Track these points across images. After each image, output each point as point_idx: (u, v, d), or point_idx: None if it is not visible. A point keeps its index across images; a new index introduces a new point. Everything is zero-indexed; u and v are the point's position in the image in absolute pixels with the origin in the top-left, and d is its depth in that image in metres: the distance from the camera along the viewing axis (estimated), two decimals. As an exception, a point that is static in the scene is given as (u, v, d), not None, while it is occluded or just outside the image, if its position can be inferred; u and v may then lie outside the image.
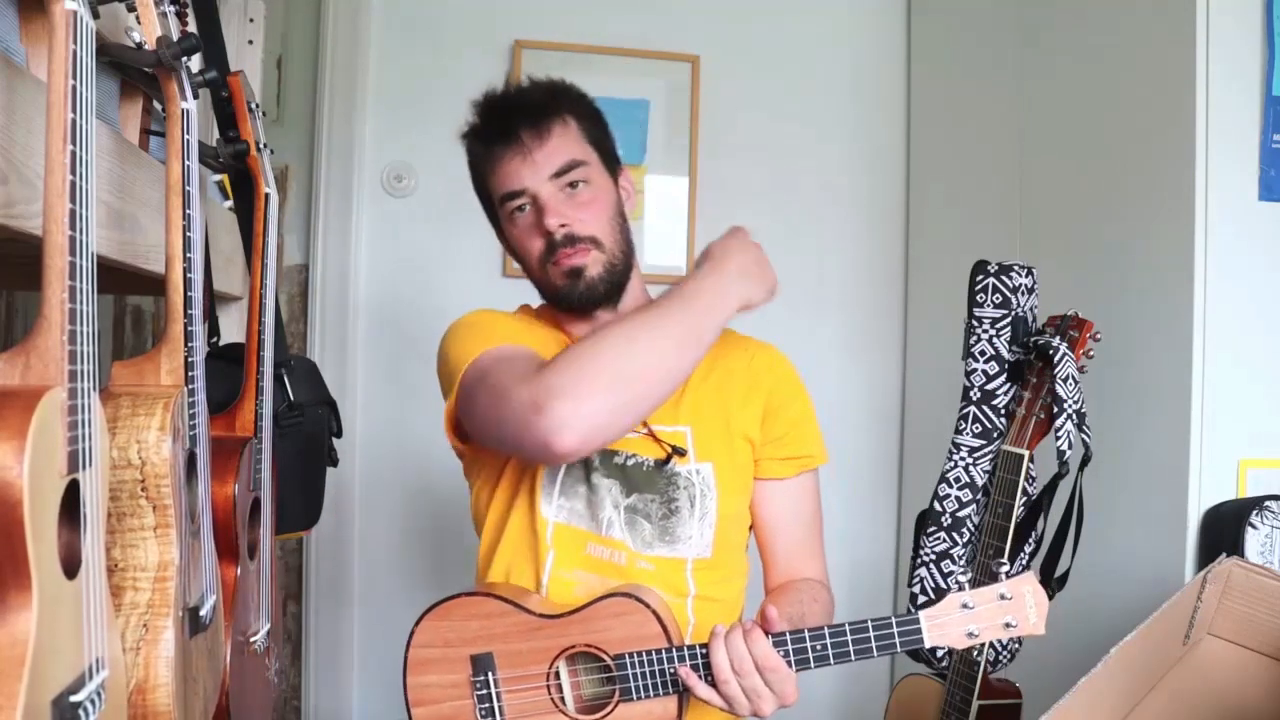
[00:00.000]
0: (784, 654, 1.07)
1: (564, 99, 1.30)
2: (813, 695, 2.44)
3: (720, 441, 1.29)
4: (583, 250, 1.25)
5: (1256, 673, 1.30)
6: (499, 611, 1.16)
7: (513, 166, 1.25)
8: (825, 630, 1.07)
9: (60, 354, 0.59)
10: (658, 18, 2.38)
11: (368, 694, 2.29)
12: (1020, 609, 1.07)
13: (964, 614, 1.07)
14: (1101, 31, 1.78)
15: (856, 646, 1.07)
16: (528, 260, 1.29)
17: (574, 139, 1.28)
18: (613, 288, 1.28)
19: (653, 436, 1.27)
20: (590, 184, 1.27)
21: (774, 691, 1.08)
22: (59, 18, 0.61)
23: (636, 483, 1.26)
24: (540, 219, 1.24)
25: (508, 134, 1.26)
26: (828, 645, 1.07)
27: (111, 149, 0.89)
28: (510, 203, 1.27)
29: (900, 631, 1.06)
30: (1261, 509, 1.44)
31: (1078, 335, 1.44)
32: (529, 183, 1.25)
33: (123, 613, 0.77)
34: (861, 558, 2.43)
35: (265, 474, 1.13)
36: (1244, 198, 1.51)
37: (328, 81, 2.26)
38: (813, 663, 1.07)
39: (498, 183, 1.28)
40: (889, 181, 2.49)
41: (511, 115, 1.27)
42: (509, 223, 1.29)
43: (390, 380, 2.27)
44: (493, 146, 1.28)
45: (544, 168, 1.24)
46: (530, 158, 1.24)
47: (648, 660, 1.11)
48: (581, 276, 1.25)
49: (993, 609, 1.07)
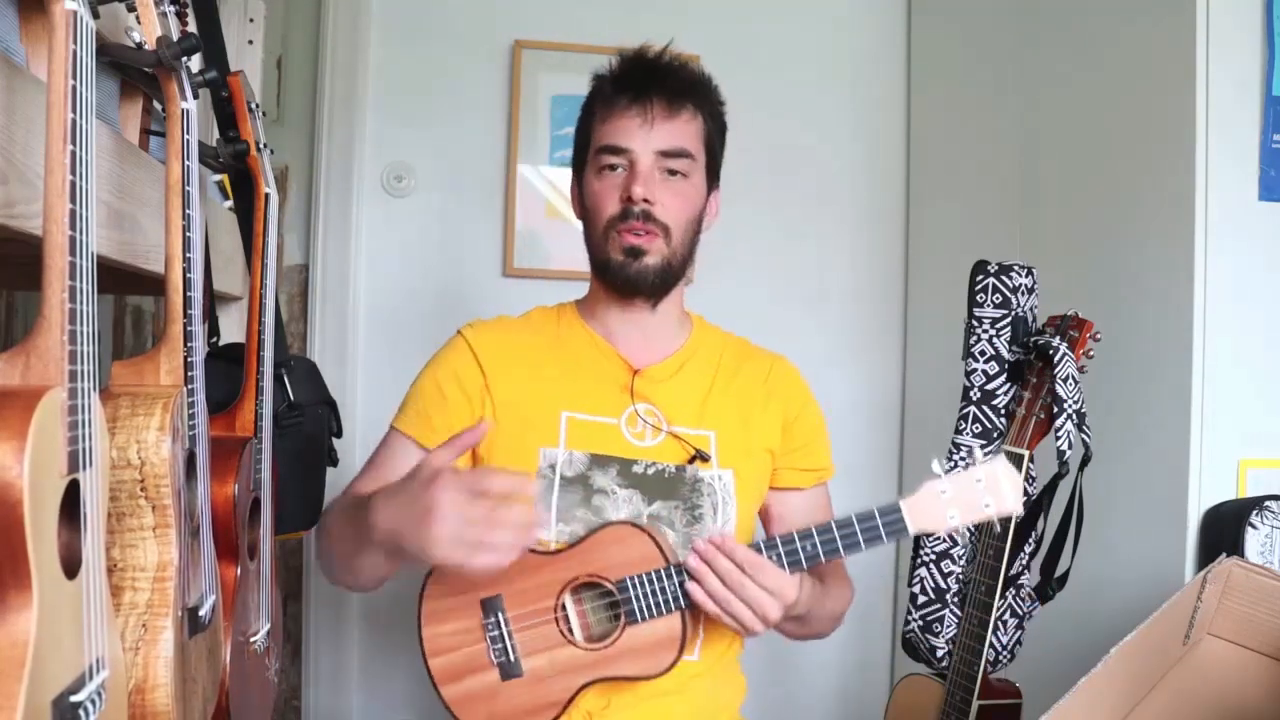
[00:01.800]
0: (775, 557, 1.11)
1: (706, 93, 1.30)
2: (813, 695, 2.44)
3: (741, 449, 1.29)
4: (651, 234, 1.24)
5: (1256, 673, 1.30)
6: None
7: (630, 124, 1.25)
8: (813, 529, 1.11)
9: (60, 354, 0.59)
10: (658, 18, 2.38)
11: (368, 694, 2.29)
12: (996, 490, 1.11)
13: (943, 499, 1.11)
14: (1102, 31, 1.78)
15: (844, 541, 1.11)
16: (596, 217, 1.27)
17: (695, 132, 1.28)
18: (662, 283, 1.27)
19: (676, 438, 1.27)
20: (688, 179, 1.27)
21: (768, 590, 1.09)
22: (59, 18, 0.60)
23: (659, 490, 1.25)
24: (629, 184, 1.23)
25: (641, 93, 1.25)
26: (816, 544, 1.11)
27: (111, 149, 0.89)
28: (607, 156, 1.26)
29: (884, 521, 1.11)
30: (1261, 509, 1.44)
31: (1078, 335, 1.44)
32: (637, 146, 1.24)
33: (122, 613, 0.77)
34: (861, 557, 2.42)
35: (265, 474, 1.12)
36: (1244, 198, 1.51)
37: (328, 81, 2.26)
38: (804, 561, 1.11)
39: (605, 131, 1.26)
40: (889, 181, 2.49)
41: (653, 78, 1.26)
42: (595, 174, 1.27)
43: (390, 380, 2.26)
44: (620, 95, 1.26)
45: (657, 140, 1.24)
46: (651, 124, 1.24)
47: (648, 580, 1.14)
48: (639, 258, 1.24)
49: (970, 493, 1.11)
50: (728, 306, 1.88)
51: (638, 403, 1.28)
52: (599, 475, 1.24)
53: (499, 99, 2.33)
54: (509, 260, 2.32)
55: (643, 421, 1.27)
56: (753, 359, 1.37)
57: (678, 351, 1.33)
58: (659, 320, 1.32)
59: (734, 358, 1.36)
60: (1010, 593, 1.49)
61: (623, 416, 1.27)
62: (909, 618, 1.56)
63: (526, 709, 1.17)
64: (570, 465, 1.24)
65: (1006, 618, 1.50)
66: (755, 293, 2.39)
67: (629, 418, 1.27)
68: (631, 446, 1.26)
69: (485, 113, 2.33)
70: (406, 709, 2.27)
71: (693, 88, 1.28)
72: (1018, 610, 1.51)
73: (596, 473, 1.24)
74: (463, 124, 2.32)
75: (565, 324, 1.35)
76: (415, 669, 2.21)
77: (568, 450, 1.24)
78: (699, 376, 1.32)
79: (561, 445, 1.25)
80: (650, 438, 1.27)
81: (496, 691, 1.18)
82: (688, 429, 1.27)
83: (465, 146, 2.32)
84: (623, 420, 1.27)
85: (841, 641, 2.42)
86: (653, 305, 1.30)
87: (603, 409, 1.27)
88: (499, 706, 1.17)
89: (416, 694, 2.25)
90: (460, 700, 1.18)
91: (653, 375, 1.30)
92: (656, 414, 1.28)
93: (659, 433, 1.26)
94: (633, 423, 1.27)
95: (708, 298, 2.31)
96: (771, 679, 2.34)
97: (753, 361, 1.36)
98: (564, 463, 1.24)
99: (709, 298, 2.30)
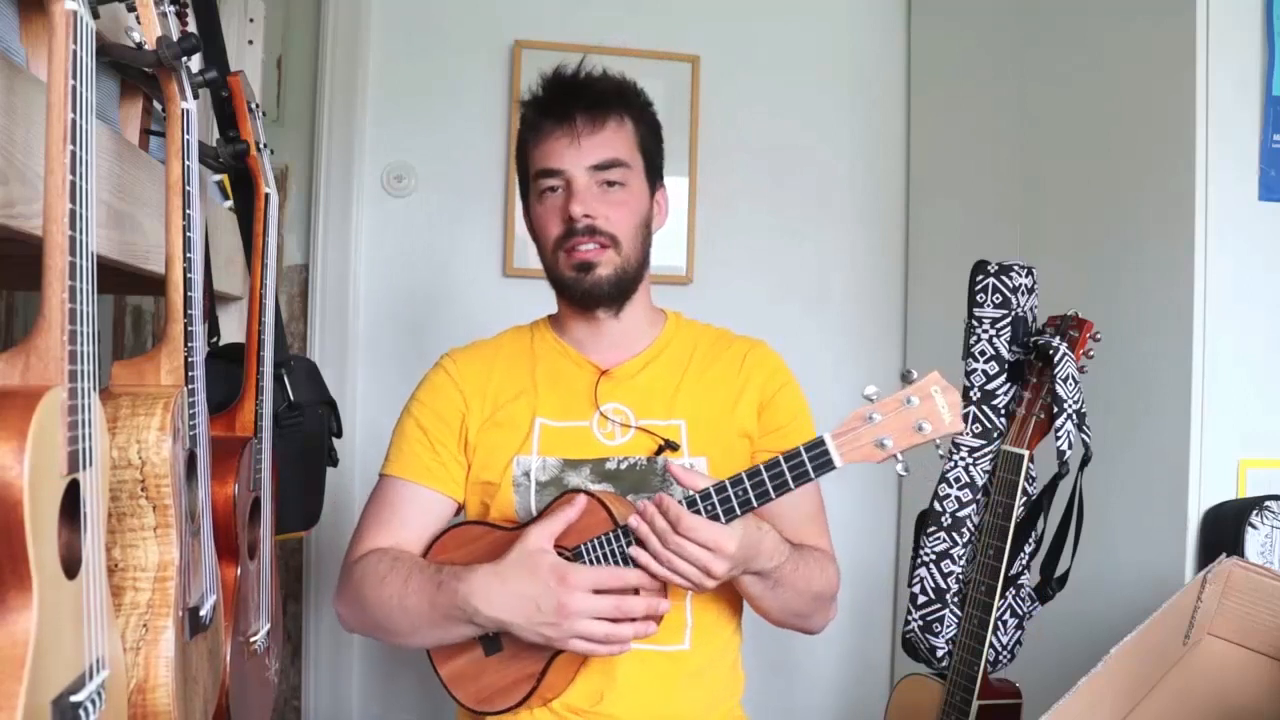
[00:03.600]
0: (710, 507, 1.09)
1: (628, 98, 1.31)
2: (813, 695, 2.44)
3: (716, 436, 1.30)
4: (601, 246, 1.26)
5: (1256, 673, 1.30)
6: (478, 534, 1.24)
7: (558, 145, 1.26)
8: (743, 474, 1.09)
9: (60, 354, 0.59)
10: (658, 18, 2.38)
11: (368, 694, 2.29)
12: (932, 411, 1.04)
13: (871, 426, 1.05)
14: (1102, 31, 1.78)
15: (773, 481, 1.08)
16: (543, 242, 1.30)
17: (625, 139, 1.29)
18: (619, 291, 1.29)
19: (645, 431, 1.28)
20: (626, 187, 1.28)
21: (703, 544, 1.08)
22: (59, 18, 0.60)
23: (632, 483, 1.27)
24: (567, 203, 1.25)
25: (563, 113, 1.26)
26: (747, 488, 1.09)
27: (111, 149, 0.89)
28: (545, 180, 1.28)
29: (810, 457, 1.07)
30: (1261, 509, 1.44)
31: (1078, 335, 1.44)
32: (569, 165, 1.26)
33: (123, 613, 0.77)
34: (861, 558, 2.43)
35: (265, 474, 1.12)
36: (1244, 198, 1.51)
37: (328, 81, 2.26)
38: (738, 509, 1.09)
39: (539, 156, 1.28)
40: (889, 181, 2.49)
41: (572, 96, 1.28)
42: (537, 200, 1.30)
43: (390, 380, 2.27)
44: (545, 120, 1.28)
45: (587, 156, 1.25)
46: (577, 142, 1.25)
47: (599, 545, 1.15)
48: (590, 272, 1.26)
49: (902, 415, 1.04)
50: (728, 306, 1.88)
51: (605, 403, 1.30)
52: (573, 476, 1.27)
53: (499, 99, 2.33)
54: (509, 260, 2.32)
55: (611, 421, 1.30)
56: (731, 347, 1.37)
57: (646, 349, 1.35)
58: (625, 325, 1.34)
59: (710, 347, 1.37)
60: (1010, 593, 1.49)
61: (593, 419, 1.30)
62: (909, 618, 1.56)
63: (506, 683, 1.21)
64: (544, 470, 1.28)
65: (1006, 618, 1.50)
66: (755, 293, 2.39)
67: (599, 419, 1.30)
68: (603, 446, 1.29)
69: (485, 113, 2.33)
70: (406, 709, 2.27)
71: (613, 96, 1.29)
72: (1018, 610, 1.51)
73: (570, 474, 1.27)
74: (463, 124, 2.32)
75: (538, 339, 1.38)
76: (415, 669, 2.21)
77: (540, 456, 1.28)
78: (668, 370, 1.34)
79: (534, 452, 1.28)
80: (620, 435, 1.29)
81: (483, 668, 1.21)
82: (657, 421, 1.29)
83: (465, 146, 2.32)
84: (594, 422, 1.30)
85: (841, 641, 2.42)
86: (615, 312, 1.32)
87: (574, 414, 1.31)
88: (484, 681, 1.22)
89: (416, 694, 2.25)
90: (453, 678, 1.23)
91: (619, 375, 1.33)
92: (624, 411, 1.30)
93: (628, 429, 1.29)
94: (603, 424, 1.30)
95: (708, 297, 2.33)
96: (772, 679, 2.34)
97: (731, 350, 1.37)
98: (537, 468, 1.28)
99: (709, 298, 2.32)
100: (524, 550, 1.12)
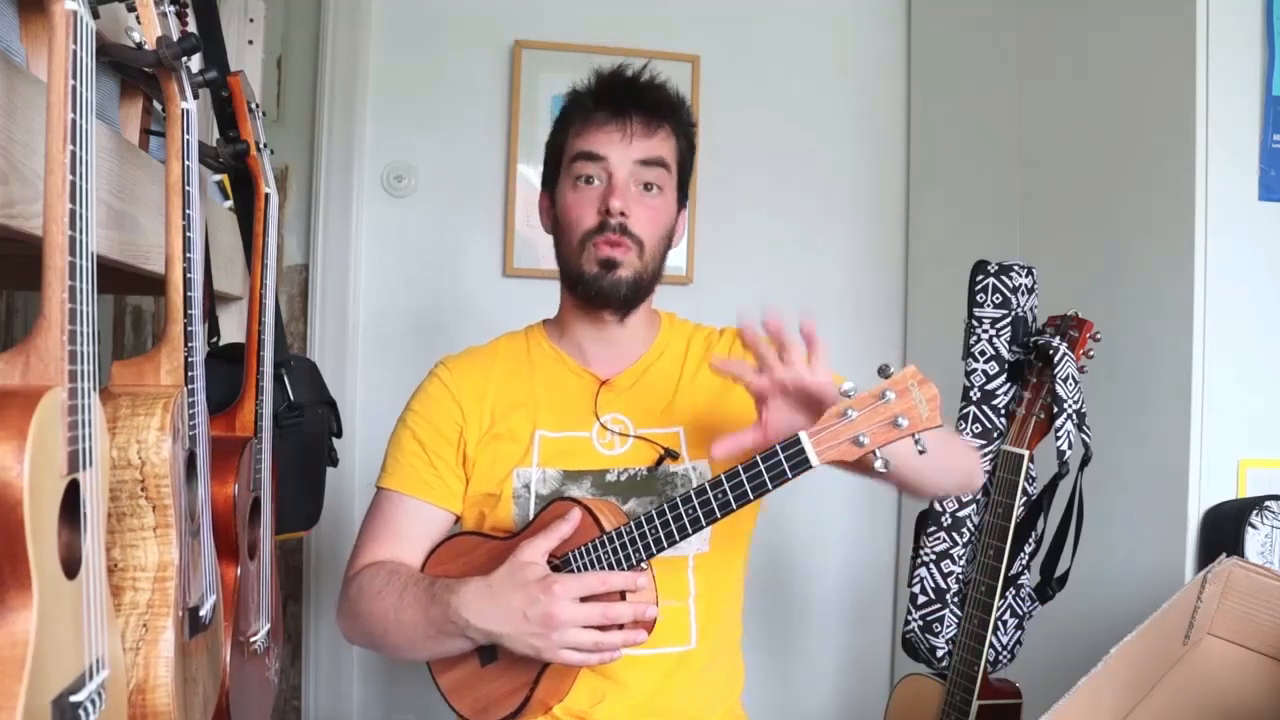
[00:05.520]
0: (689, 510, 1.07)
1: (682, 115, 1.32)
2: (813, 695, 2.44)
3: (711, 438, 1.30)
4: (626, 247, 1.25)
5: (1256, 673, 1.30)
6: (473, 545, 1.24)
7: (608, 135, 1.25)
8: (722, 477, 1.06)
9: (60, 354, 0.59)
10: (657, 17, 2.38)
11: (368, 694, 2.29)
12: (909, 405, 1.01)
13: (847, 423, 1.02)
14: (1102, 31, 1.78)
15: (751, 483, 1.05)
16: (570, 230, 1.27)
17: (670, 150, 1.29)
18: (633, 295, 1.28)
19: (644, 440, 1.28)
20: (663, 193, 1.28)
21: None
22: (59, 18, 0.60)
23: (633, 493, 1.27)
24: (607, 196, 1.24)
25: (619, 108, 1.26)
26: (726, 490, 1.06)
27: (111, 149, 0.89)
28: (583, 165, 1.26)
29: (786, 455, 1.03)
30: (1261, 509, 1.44)
31: (1078, 335, 1.44)
32: (615, 155, 1.25)
33: (122, 613, 0.77)
34: (861, 558, 2.43)
35: (265, 474, 1.12)
36: (1244, 198, 1.51)
37: (328, 81, 2.26)
38: (717, 511, 1.07)
39: (582, 140, 1.27)
40: (889, 181, 2.49)
41: (632, 95, 1.27)
42: (570, 186, 1.28)
43: (390, 380, 2.27)
44: (598, 109, 1.27)
45: (637, 151, 1.25)
46: (629, 136, 1.25)
47: (585, 553, 1.14)
48: (613, 270, 1.25)
49: (878, 411, 1.02)
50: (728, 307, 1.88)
51: (605, 414, 1.30)
52: (573, 488, 1.27)
53: (499, 99, 2.33)
54: (509, 260, 2.32)
55: (610, 432, 1.29)
56: (717, 344, 1.37)
57: (642, 357, 1.35)
58: (627, 332, 1.33)
59: (700, 347, 1.37)
60: (1010, 593, 1.49)
61: (593, 429, 1.30)
62: (909, 618, 1.56)
63: (502, 693, 1.20)
64: (544, 483, 1.27)
65: (1006, 618, 1.50)
66: (755, 293, 2.39)
67: (599, 430, 1.30)
68: (603, 457, 1.28)
69: (485, 113, 2.33)
70: (406, 709, 2.27)
71: (671, 105, 1.30)
72: (1018, 610, 1.51)
73: (570, 486, 1.27)
74: (463, 124, 2.32)
75: (534, 346, 1.37)
76: (415, 669, 2.21)
77: (540, 468, 1.27)
78: (665, 377, 1.34)
79: (534, 464, 1.28)
80: (619, 445, 1.29)
81: (480, 678, 1.21)
82: (656, 430, 1.29)
83: (465, 146, 2.32)
84: (593, 433, 1.30)
85: (841, 641, 2.42)
86: (621, 318, 1.31)
87: (573, 424, 1.30)
88: (480, 691, 1.21)
89: (416, 694, 2.25)
90: (452, 688, 1.23)
91: (618, 385, 1.32)
92: (624, 421, 1.30)
93: (626, 440, 1.29)
94: (602, 434, 1.30)
95: (708, 298, 2.33)
96: (771, 679, 2.34)
97: (719, 345, 1.37)
98: (537, 480, 1.27)
99: (709, 298, 2.32)
100: (515, 563, 1.11)
